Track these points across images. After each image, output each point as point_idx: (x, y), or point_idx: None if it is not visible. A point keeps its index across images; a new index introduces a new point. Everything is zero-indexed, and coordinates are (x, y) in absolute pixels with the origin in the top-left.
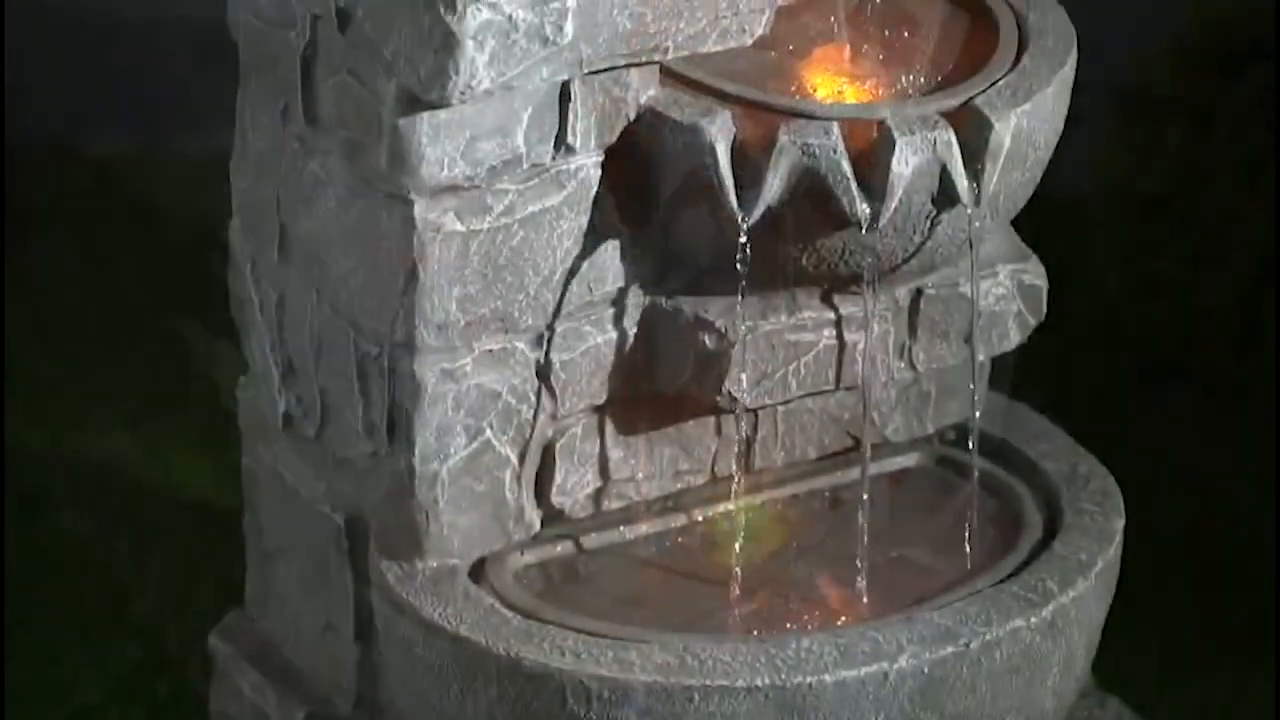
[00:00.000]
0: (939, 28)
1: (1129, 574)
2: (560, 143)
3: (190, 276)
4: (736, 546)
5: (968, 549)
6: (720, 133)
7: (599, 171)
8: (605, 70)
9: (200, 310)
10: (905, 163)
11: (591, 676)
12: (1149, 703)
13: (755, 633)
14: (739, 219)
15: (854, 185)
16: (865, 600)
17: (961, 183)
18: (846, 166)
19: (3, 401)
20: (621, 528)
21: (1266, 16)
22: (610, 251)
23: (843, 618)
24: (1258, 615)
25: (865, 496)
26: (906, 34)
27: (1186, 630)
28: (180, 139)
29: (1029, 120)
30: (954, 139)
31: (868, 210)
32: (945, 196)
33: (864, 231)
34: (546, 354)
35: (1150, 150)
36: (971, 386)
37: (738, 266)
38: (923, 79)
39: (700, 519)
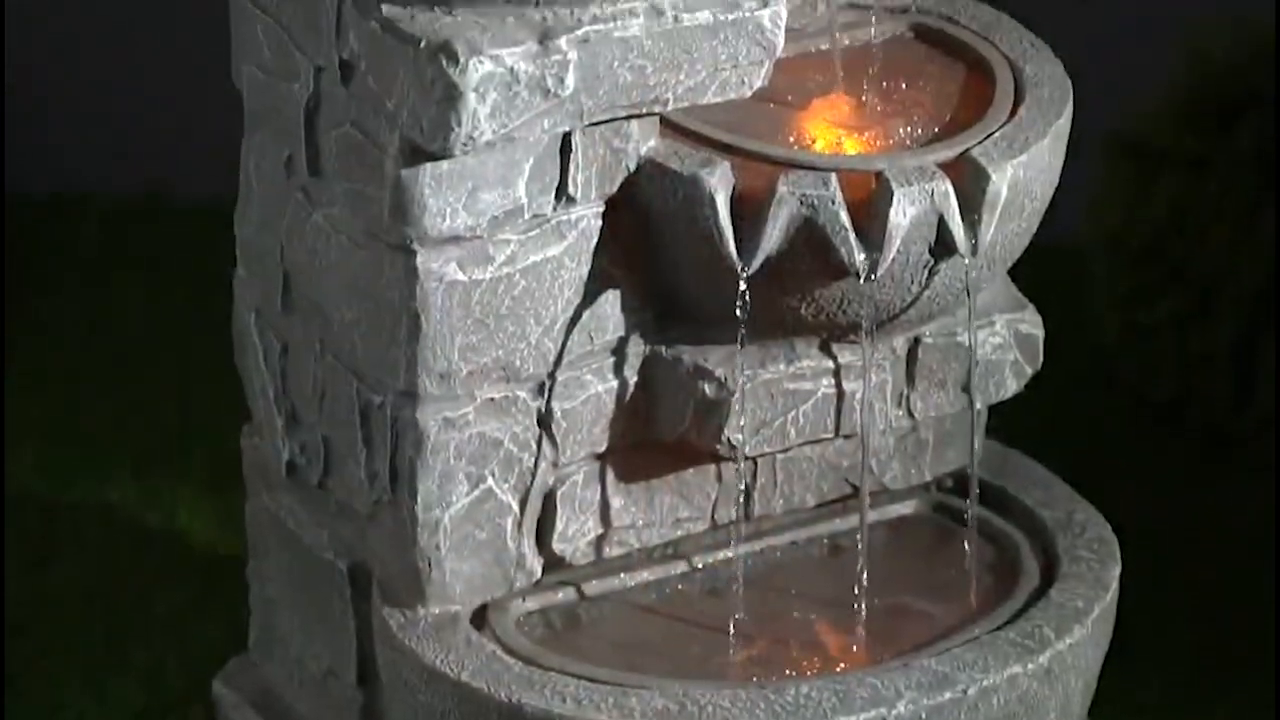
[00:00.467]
0: (936, 80)
1: (1127, 620)
2: (561, 193)
3: (194, 324)
4: (736, 593)
5: (966, 596)
6: (720, 183)
7: (600, 222)
8: (606, 122)
9: (204, 359)
10: (903, 213)
11: None
12: None
13: (755, 679)
14: (738, 269)
15: (852, 235)
16: (864, 647)
17: (959, 233)
18: (845, 217)
19: (2, 449)
20: (622, 575)
21: (1261, 67)
22: (611, 301)
23: (841, 664)
24: (1255, 658)
25: (864, 543)
26: (904, 86)
27: (1185, 673)
28: (185, 186)
29: (1025, 171)
30: (951, 190)
31: (866, 260)
32: (943, 247)
33: (862, 281)
34: (548, 402)
35: (1146, 200)
36: (970, 435)
37: (737, 315)
38: (920, 130)
39: (700, 566)
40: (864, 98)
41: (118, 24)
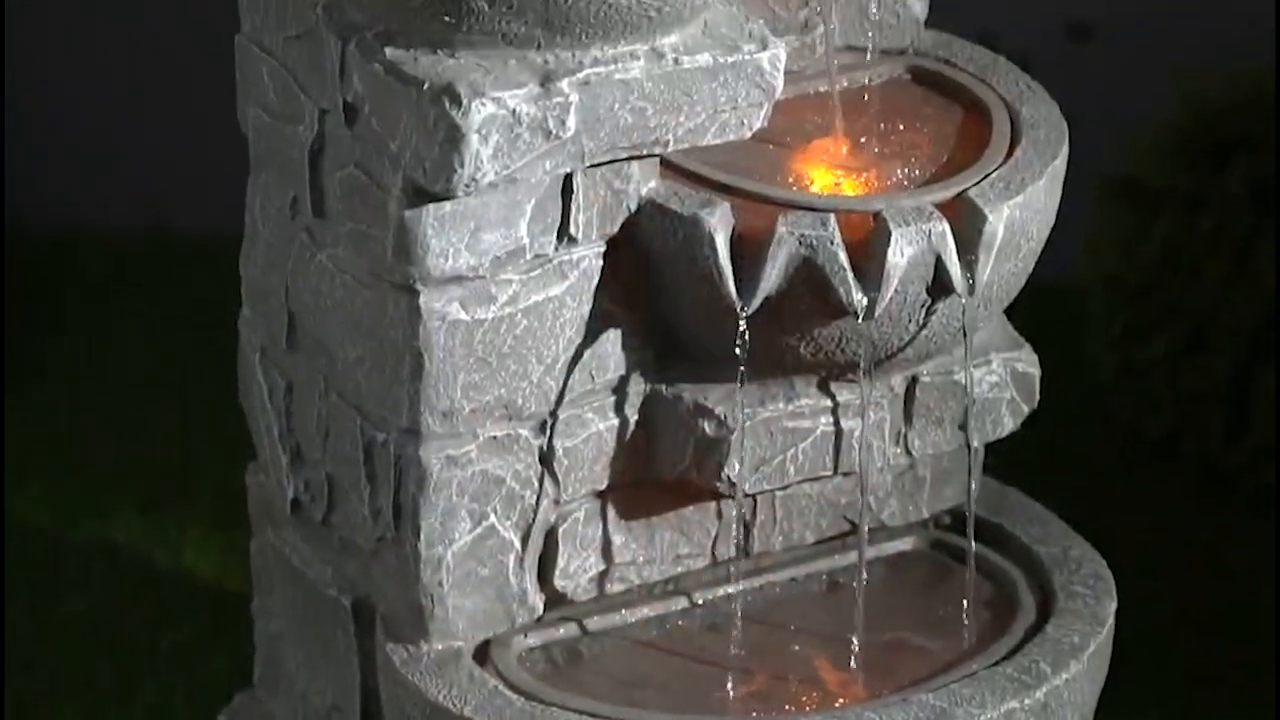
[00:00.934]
0: (933, 121)
1: (1124, 652)
2: (563, 233)
3: (198, 362)
4: (736, 629)
5: (963, 632)
6: (719, 224)
7: (601, 261)
8: (607, 163)
9: (209, 396)
10: (901, 253)
11: None
12: None
13: (754, 714)
14: (738, 308)
15: (850, 275)
16: (862, 682)
17: (956, 273)
18: (843, 257)
19: (2, 486)
20: (623, 610)
21: (1253, 109)
22: (612, 340)
23: (840, 699)
24: (1252, 690)
25: (861, 580)
26: (901, 127)
27: (1182, 706)
28: (188, 222)
29: (1021, 212)
30: (948, 230)
31: (864, 299)
32: (940, 286)
33: (860, 320)
34: (549, 440)
35: (1140, 239)
36: (967, 472)
37: (737, 354)
38: (918, 171)
39: (701, 602)
40: (862, 139)
41: (123, 61)
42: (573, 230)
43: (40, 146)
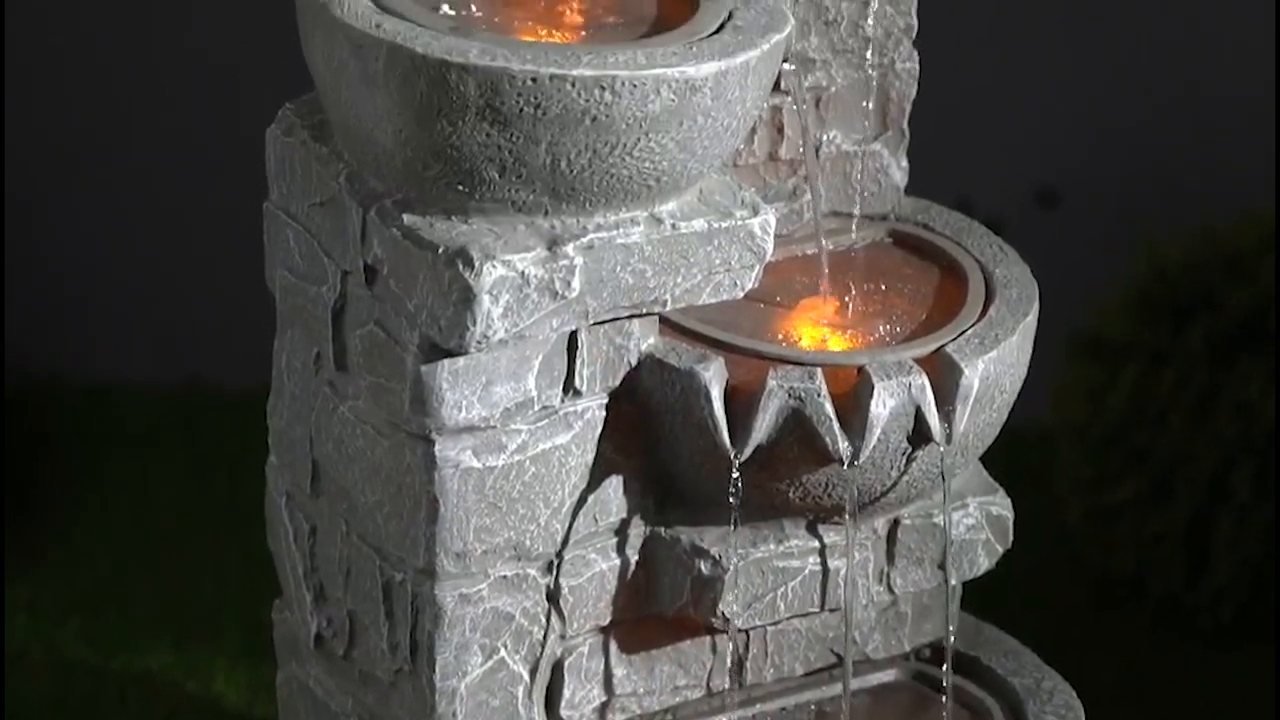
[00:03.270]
0: (913, 282)
1: None
2: (568, 386)
3: (230, 507)
4: None
5: None
6: (714, 378)
7: (603, 412)
8: (609, 321)
9: (239, 539)
10: (883, 405)
11: None
12: None
13: None
14: (732, 456)
15: (836, 425)
16: None
17: (934, 423)
18: (829, 408)
19: None
20: None
21: (1213, 270)
22: (614, 485)
23: None
24: None
25: (847, 709)
26: (883, 288)
27: None
28: (222, 377)
29: (996, 366)
30: (927, 383)
31: (849, 448)
32: (920, 435)
33: (846, 467)
34: (556, 579)
35: (1106, 392)
36: (945, 608)
37: (730, 499)
38: (899, 329)
39: None
40: (846, 298)
41: (161, 227)
42: (577, 383)
43: (81, 305)
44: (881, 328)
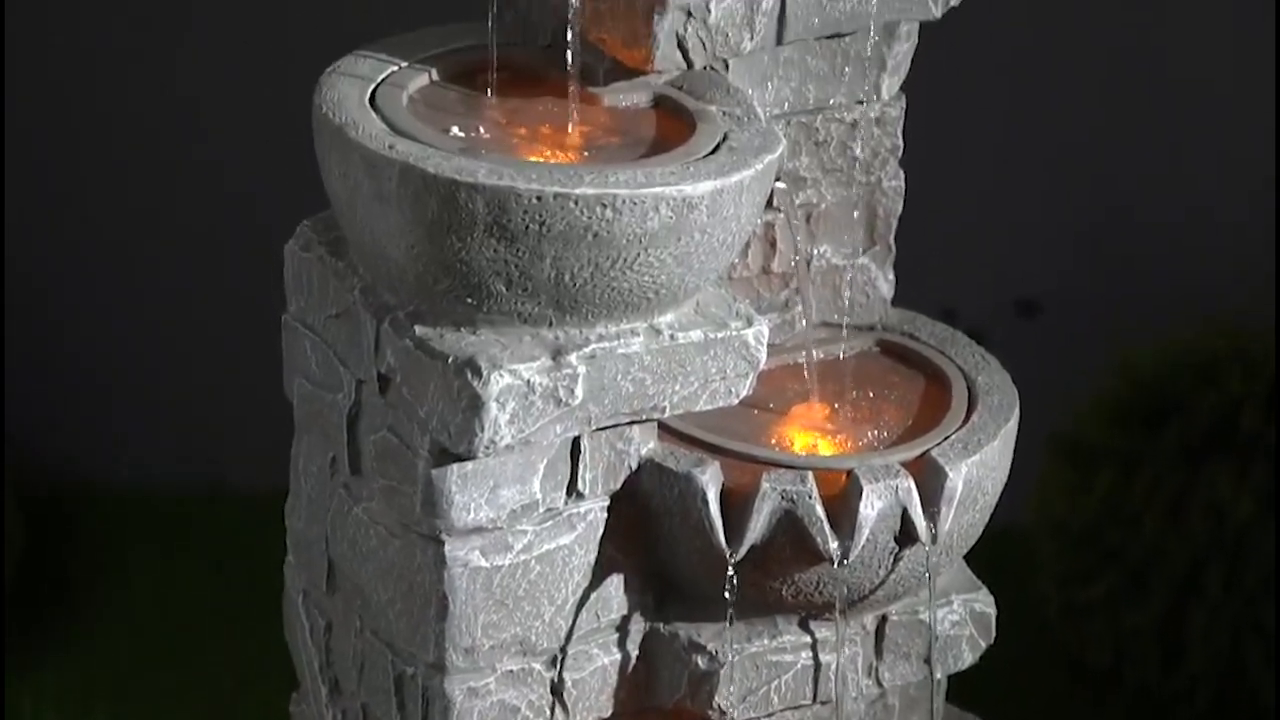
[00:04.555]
0: (899, 389)
1: None
2: (571, 489)
3: (249, 604)
4: None
5: None
6: (711, 481)
7: (605, 514)
8: (610, 427)
9: (258, 634)
10: (871, 507)
11: None
12: None
13: None
14: (727, 555)
15: (827, 526)
16: None
17: (920, 524)
18: (820, 510)
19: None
20: None
21: (1184, 377)
22: (615, 583)
23: None
24: None
25: None
26: (871, 394)
27: None
28: (241, 480)
29: (978, 470)
30: (913, 486)
31: (839, 548)
32: (906, 536)
33: (836, 566)
34: (560, 673)
35: (1083, 492)
36: (930, 700)
37: (726, 596)
38: (886, 434)
39: None
40: (836, 405)
41: (189, 338)
42: (580, 486)
43: (110, 412)
44: (870, 433)
